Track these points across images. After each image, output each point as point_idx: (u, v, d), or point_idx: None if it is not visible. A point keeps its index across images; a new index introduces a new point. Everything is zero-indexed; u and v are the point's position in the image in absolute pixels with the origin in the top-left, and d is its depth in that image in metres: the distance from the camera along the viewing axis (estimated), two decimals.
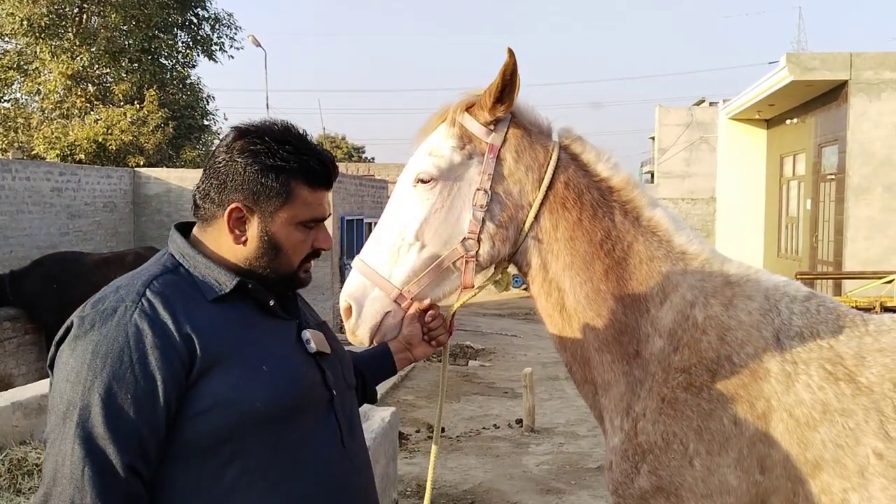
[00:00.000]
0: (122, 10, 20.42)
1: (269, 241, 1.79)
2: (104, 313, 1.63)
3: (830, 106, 14.78)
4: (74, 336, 1.62)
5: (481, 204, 2.21)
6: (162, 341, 1.61)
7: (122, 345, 1.59)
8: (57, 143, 19.16)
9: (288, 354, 1.81)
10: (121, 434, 1.56)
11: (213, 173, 1.78)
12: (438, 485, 6.85)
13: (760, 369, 2.04)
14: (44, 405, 4.81)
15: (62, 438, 1.56)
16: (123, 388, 1.57)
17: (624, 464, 2.13)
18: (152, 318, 1.63)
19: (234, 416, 1.65)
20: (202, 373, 1.64)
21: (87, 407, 1.55)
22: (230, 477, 1.66)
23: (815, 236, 15.91)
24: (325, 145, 28.08)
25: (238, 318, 1.76)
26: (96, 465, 1.53)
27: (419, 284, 2.23)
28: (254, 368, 1.70)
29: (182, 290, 1.72)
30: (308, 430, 1.79)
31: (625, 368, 2.19)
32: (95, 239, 14.37)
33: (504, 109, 2.24)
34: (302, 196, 1.80)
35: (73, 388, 1.57)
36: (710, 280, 2.18)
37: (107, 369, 1.57)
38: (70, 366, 1.59)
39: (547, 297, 2.29)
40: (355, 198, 17.67)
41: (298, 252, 1.84)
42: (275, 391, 1.71)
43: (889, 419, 1.92)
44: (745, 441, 2.00)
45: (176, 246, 1.81)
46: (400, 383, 10.62)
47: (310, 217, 1.82)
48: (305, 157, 1.79)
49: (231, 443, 1.66)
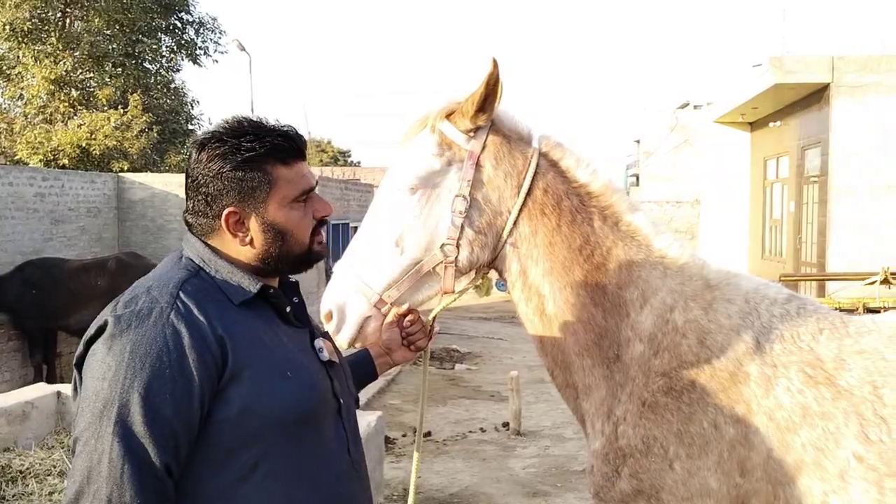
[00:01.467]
0: (106, 15, 20.29)
1: (273, 230, 1.81)
2: (140, 314, 1.63)
3: (813, 109, 14.90)
4: (111, 335, 1.61)
5: (460, 210, 2.23)
6: (198, 343, 1.63)
7: (161, 345, 1.60)
8: (40, 149, 19.00)
9: (306, 361, 1.83)
10: (159, 433, 1.56)
11: (194, 191, 1.80)
12: (425, 488, 6.85)
13: (740, 373, 2.05)
14: (27, 412, 4.78)
15: (98, 436, 1.55)
16: (162, 388, 1.58)
17: (605, 467, 2.14)
18: (188, 319, 1.64)
19: (260, 420, 1.67)
20: (232, 376, 1.66)
21: (126, 405, 1.55)
22: (254, 481, 1.68)
23: (798, 238, 16.03)
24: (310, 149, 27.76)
25: (262, 323, 1.78)
26: (136, 464, 1.53)
27: (399, 289, 2.25)
28: (279, 374, 1.72)
29: (210, 294, 1.73)
30: (323, 437, 1.81)
31: (605, 373, 2.20)
32: (79, 244, 14.27)
33: (485, 118, 2.25)
34: (282, 175, 1.81)
35: (111, 385, 1.57)
36: (689, 284, 2.19)
37: (146, 368, 1.57)
38: (107, 364, 1.59)
39: (527, 302, 2.31)
40: (341, 202, 17.64)
41: (303, 228, 1.85)
42: (298, 398, 1.73)
43: (869, 422, 1.93)
44: (725, 444, 2.01)
45: (195, 250, 1.81)
46: (386, 387, 10.61)
47: (298, 191, 1.83)
48: (268, 138, 1.80)
49: (255, 447, 1.68)
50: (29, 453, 4.50)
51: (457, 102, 2.28)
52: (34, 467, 4.33)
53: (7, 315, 10.95)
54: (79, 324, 10.71)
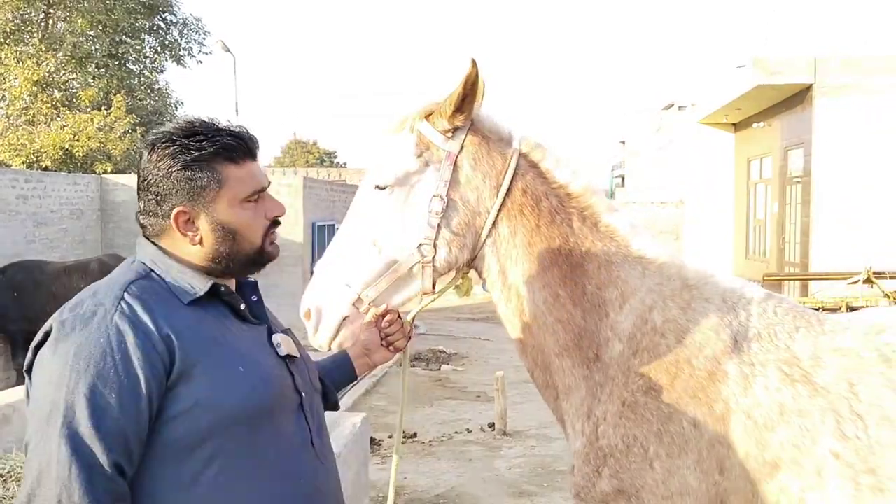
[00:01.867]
0: (89, 16, 20.20)
1: (222, 230, 1.81)
2: (84, 316, 1.65)
3: (796, 109, 15.02)
4: (55, 339, 1.63)
5: (437, 210, 2.23)
6: (143, 342, 1.64)
7: (105, 346, 1.61)
8: (23, 150, 18.88)
9: (261, 357, 1.85)
10: (106, 433, 1.57)
11: (145, 191, 1.81)
12: (411, 489, 6.85)
13: (719, 371, 2.06)
14: (8, 415, 4.73)
15: (46, 439, 1.56)
16: (107, 388, 1.59)
17: (585, 467, 2.15)
18: (132, 319, 1.66)
19: (212, 416, 1.68)
20: (181, 374, 1.67)
21: (71, 407, 1.57)
22: (209, 476, 1.68)
23: (782, 238, 16.15)
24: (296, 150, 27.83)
25: (212, 321, 1.79)
26: (83, 464, 1.55)
27: (377, 289, 2.25)
28: (231, 370, 1.73)
29: (158, 294, 1.75)
30: (281, 431, 1.82)
31: (585, 373, 2.21)
32: (62, 247, 14.18)
33: (463, 119, 2.26)
34: (232, 174, 1.81)
35: (57, 389, 1.58)
36: (668, 283, 2.21)
37: (90, 370, 1.59)
38: (52, 368, 1.60)
39: (507, 302, 2.32)
40: (326, 203, 17.62)
41: (254, 228, 1.85)
42: (252, 392, 1.75)
43: (845, 419, 1.95)
44: (704, 443, 2.02)
45: (146, 253, 1.83)
46: (372, 389, 10.59)
47: (249, 191, 1.84)
48: (218, 137, 1.80)
49: (210, 443, 1.69)
50: (10, 456, 4.46)
51: (436, 103, 2.28)
52: (16, 471, 4.29)
53: None
54: None
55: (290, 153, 47.78)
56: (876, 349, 2.04)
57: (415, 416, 9.38)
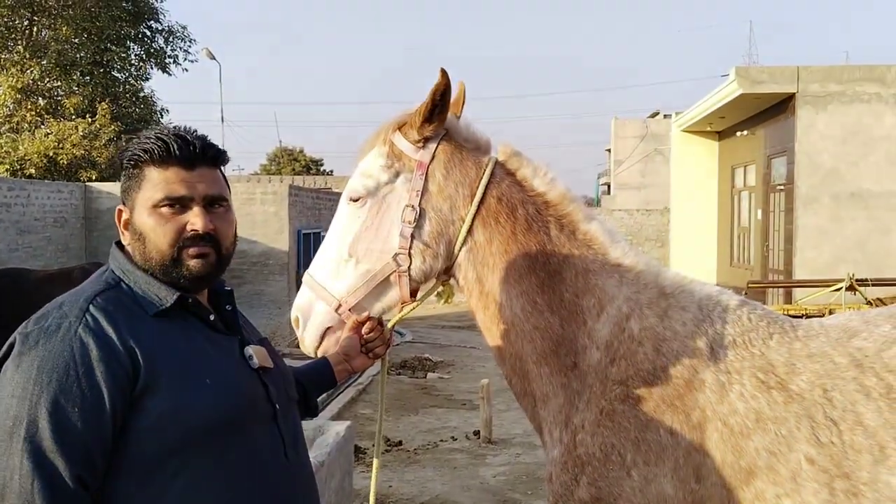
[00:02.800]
0: (74, 23, 20.12)
1: (134, 231, 1.81)
2: (48, 329, 1.64)
3: (779, 118, 15.12)
4: (18, 353, 1.62)
5: (409, 220, 2.26)
6: (107, 355, 1.62)
7: (68, 359, 1.60)
8: (6, 158, 18.76)
9: (231, 369, 1.83)
10: (68, 446, 1.56)
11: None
12: (396, 497, 6.83)
13: (695, 380, 2.08)
14: None
15: (9, 453, 1.55)
16: (70, 402, 1.58)
17: (564, 475, 2.16)
18: (97, 332, 1.64)
19: (179, 429, 1.67)
20: (146, 386, 1.65)
21: (34, 421, 1.55)
22: (176, 490, 1.67)
23: (766, 245, 16.24)
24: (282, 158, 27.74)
25: (180, 333, 1.77)
26: (45, 478, 1.54)
27: (356, 297, 2.30)
28: (198, 382, 1.72)
29: (124, 306, 1.73)
30: (252, 443, 1.80)
31: (563, 381, 2.22)
32: (46, 255, 14.09)
33: (433, 129, 2.29)
34: (152, 178, 1.79)
35: (20, 403, 1.57)
36: (645, 292, 2.22)
37: (53, 383, 1.57)
38: (15, 381, 1.59)
39: (484, 310, 2.33)
40: (312, 211, 17.60)
41: (161, 235, 1.77)
42: (219, 404, 1.73)
43: (820, 425, 1.97)
44: (681, 451, 2.03)
45: (117, 262, 1.83)
46: (358, 397, 10.57)
47: (162, 196, 1.77)
48: (151, 141, 1.79)
49: (177, 456, 1.67)
50: None
51: (409, 114, 2.31)
52: None
53: None
54: None
55: (276, 161, 47.71)
56: (848, 354, 2.06)
57: (400, 424, 9.37)
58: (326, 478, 4.57)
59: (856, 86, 13.95)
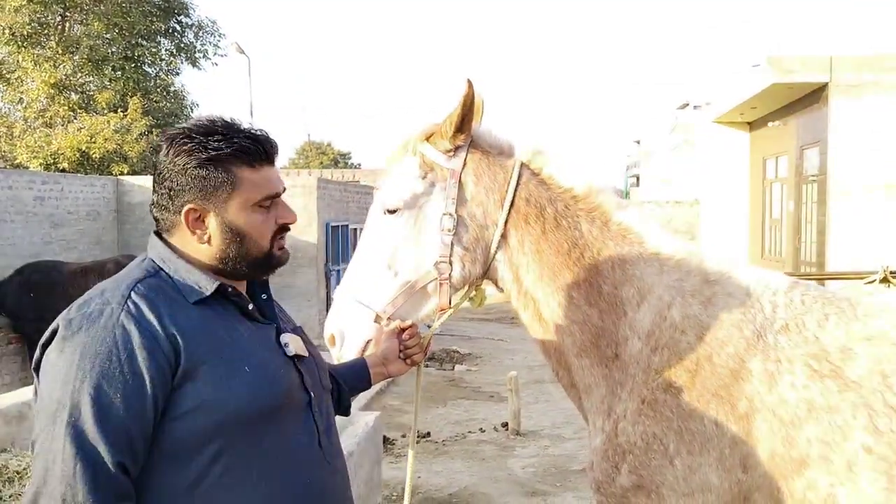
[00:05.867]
0: (105, 19, 20.31)
1: (231, 231, 1.81)
2: (90, 316, 1.66)
3: (812, 108, 14.90)
4: (62, 338, 1.64)
5: (448, 228, 2.29)
6: (148, 342, 1.64)
7: (111, 345, 1.62)
8: (40, 153, 19.02)
9: (268, 356, 1.84)
10: (110, 432, 1.58)
11: (159, 185, 1.82)
12: (424, 488, 6.85)
13: (742, 369, 2.04)
14: (24, 413, 4.78)
15: (52, 437, 1.57)
16: (112, 387, 1.60)
17: (604, 463, 2.16)
18: (138, 319, 1.66)
19: (217, 415, 1.68)
20: (187, 373, 1.67)
21: (76, 406, 1.57)
22: (213, 476, 1.69)
23: (798, 238, 16.02)
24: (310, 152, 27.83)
25: (219, 320, 1.79)
26: (87, 462, 1.55)
27: (395, 307, 2.32)
28: (236, 369, 1.74)
29: (165, 293, 1.75)
30: (287, 431, 1.82)
31: (604, 371, 2.22)
32: (79, 248, 14.28)
33: (464, 138, 2.32)
34: (247, 178, 1.81)
35: (63, 387, 1.59)
36: (687, 279, 2.20)
37: (96, 369, 1.59)
38: (58, 367, 1.61)
39: (524, 308, 2.37)
40: (340, 204, 17.65)
41: (263, 232, 1.85)
42: (257, 392, 1.75)
43: (878, 413, 1.92)
44: (726, 441, 2.01)
45: (156, 251, 1.84)
46: (386, 388, 10.60)
47: (262, 196, 1.83)
48: (236, 139, 1.80)
49: (215, 442, 1.69)
50: (26, 454, 4.50)
51: (435, 124, 2.35)
52: (31, 468, 4.33)
53: (6, 318, 10.96)
54: None
55: (304, 154, 47.88)
56: None
57: (428, 416, 9.39)
58: (355, 468, 4.60)
59: (891, 75, 13.70)
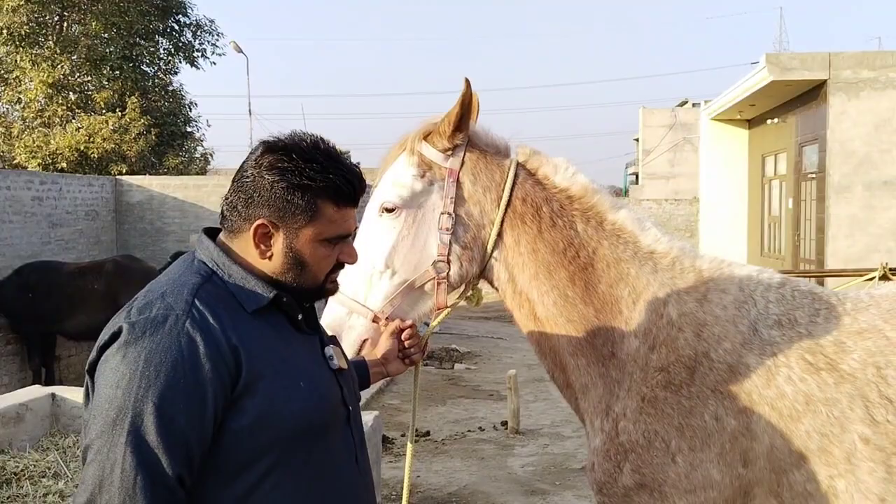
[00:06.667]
0: (103, 18, 20.27)
1: (294, 258, 1.79)
2: (154, 321, 1.61)
3: (810, 105, 14.89)
4: (125, 342, 1.60)
5: (447, 227, 2.30)
6: (213, 353, 1.61)
7: (177, 354, 1.58)
8: (38, 153, 19.01)
9: (317, 371, 1.84)
10: (172, 444, 1.55)
11: (240, 187, 1.77)
12: (424, 487, 6.85)
13: (740, 364, 2.06)
14: (21, 414, 4.77)
15: (112, 445, 1.54)
16: (176, 398, 1.56)
17: (606, 463, 2.15)
18: (203, 328, 1.63)
19: (273, 430, 1.67)
20: (247, 386, 1.65)
21: (139, 415, 1.54)
22: (264, 490, 1.67)
23: (797, 235, 16.02)
24: None
25: (274, 332, 1.77)
26: (149, 474, 1.52)
27: (392, 307, 2.32)
28: (292, 384, 1.72)
29: (225, 302, 1.72)
30: (332, 446, 1.82)
31: (601, 370, 2.22)
32: (77, 248, 14.28)
33: (462, 137, 2.33)
34: (327, 214, 1.79)
35: (125, 394, 1.55)
36: (682, 277, 2.21)
37: (161, 378, 1.56)
38: (121, 372, 1.57)
39: (519, 308, 2.37)
40: None
41: (323, 267, 1.84)
42: (310, 407, 1.74)
43: (874, 404, 1.95)
44: (726, 436, 2.02)
45: (208, 253, 1.80)
46: (385, 388, 10.59)
47: (335, 234, 1.82)
48: (332, 175, 1.77)
49: (268, 457, 1.67)
50: (24, 455, 4.49)
51: (433, 123, 2.36)
52: (29, 469, 4.32)
53: (5, 319, 10.94)
54: (76, 327, 10.69)
55: None
56: None
57: (428, 415, 9.38)
58: None
59: (889, 72, 13.70)
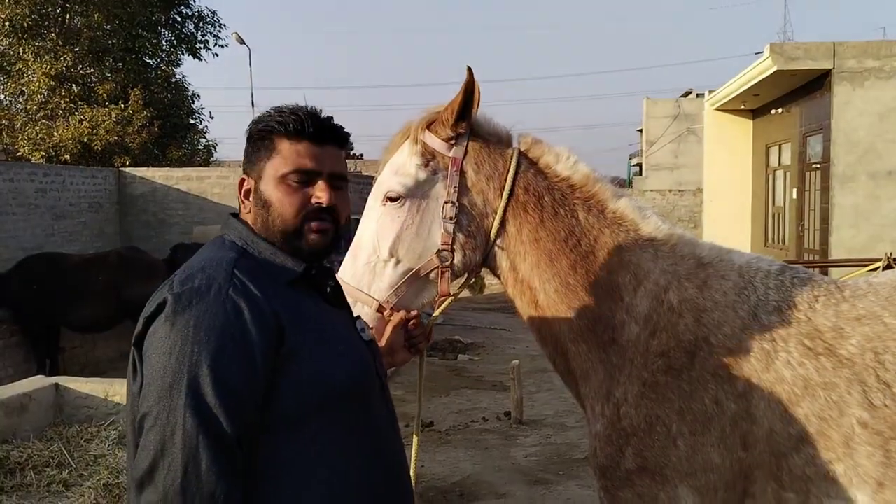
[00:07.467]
0: (105, 10, 20.26)
1: (258, 199, 1.84)
2: (199, 290, 1.65)
3: (815, 95, 14.83)
4: (172, 312, 1.62)
5: (450, 216, 2.31)
6: (258, 318, 1.65)
7: (224, 319, 1.62)
8: (42, 145, 19.04)
9: (354, 339, 1.89)
10: (229, 405, 1.58)
11: None
12: (427, 478, 6.86)
13: (739, 349, 2.08)
14: (25, 404, 4.79)
15: (170, 410, 1.55)
16: (229, 360, 1.60)
17: (608, 448, 2.18)
18: (246, 295, 1.66)
19: (319, 392, 1.71)
20: (290, 351, 1.69)
21: (195, 378, 1.56)
22: (312, 453, 1.70)
23: (801, 225, 15.98)
24: None
25: (309, 301, 1.82)
26: (210, 434, 1.55)
27: (397, 296, 2.34)
28: (333, 349, 1.77)
29: (260, 273, 1.76)
30: (372, 411, 1.86)
31: (602, 356, 2.24)
32: (81, 239, 14.31)
33: (465, 125, 2.34)
34: (282, 149, 1.83)
35: (179, 360, 1.57)
36: (682, 263, 2.23)
37: (212, 342, 1.59)
38: (172, 339, 1.60)
39: (521, 296, 2.39)
40: None
41: (288, 206, 1.81)
42: (352, 371, 1.79)
43: (872, 389, 1.96)
44: (727, 420, 2.04)
45: (237, 232, 1.85)
46: (389, 378, 10.60)
47: (291, 168, 1.81)
48: (284, 112, 1.84)
49: (315, 420, 1.71)
50: (27, 445, 4.52)
51: (436, 112, 2.37)
52: (32, 459, 4.36)
53: (9, 311, 10.96)
54: (80, 319, 10.72)
55: None
56: None
57: (431, 406, 9.40)
58: None
59: (894, 61, 13.62)
